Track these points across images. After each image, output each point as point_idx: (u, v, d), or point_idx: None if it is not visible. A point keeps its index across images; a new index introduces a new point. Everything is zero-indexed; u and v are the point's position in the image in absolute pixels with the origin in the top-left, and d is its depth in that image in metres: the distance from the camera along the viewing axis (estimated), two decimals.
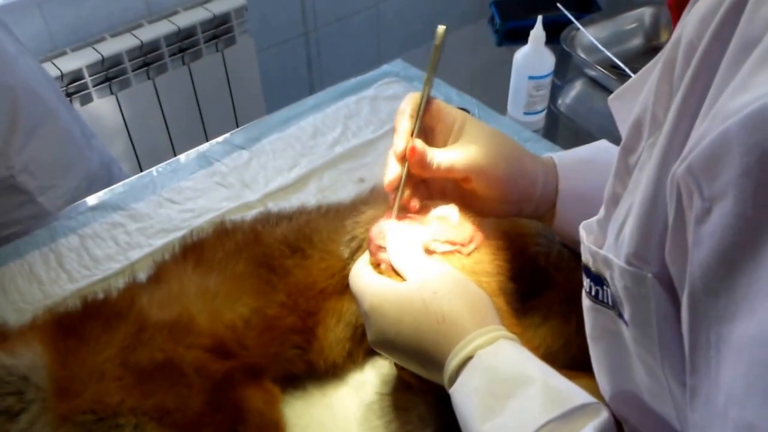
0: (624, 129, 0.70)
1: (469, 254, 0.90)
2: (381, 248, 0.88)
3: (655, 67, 0.64)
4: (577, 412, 0.68)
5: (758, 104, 0.44)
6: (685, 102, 0.56)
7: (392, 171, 0.91)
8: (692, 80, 0.55)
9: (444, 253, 0.89)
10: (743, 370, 0.48)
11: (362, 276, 0.87)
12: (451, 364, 0.76)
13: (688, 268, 0.53)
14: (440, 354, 0.78)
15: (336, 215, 1.06)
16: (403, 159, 0.91)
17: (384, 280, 0.85)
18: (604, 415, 0.69)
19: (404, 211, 0.93)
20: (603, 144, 1.01)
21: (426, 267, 0.85)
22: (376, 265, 0.88)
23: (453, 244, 0.89)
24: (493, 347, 0.75)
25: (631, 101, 0.70)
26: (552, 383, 0.72)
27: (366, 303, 0.84)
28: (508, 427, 0.69)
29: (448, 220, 0.92)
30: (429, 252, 0.89)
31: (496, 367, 0.74)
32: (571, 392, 0.71)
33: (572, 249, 1.00)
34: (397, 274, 0.86)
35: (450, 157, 0.90)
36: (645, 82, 0.66)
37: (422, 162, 0.89)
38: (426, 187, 0.97)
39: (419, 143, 0.90)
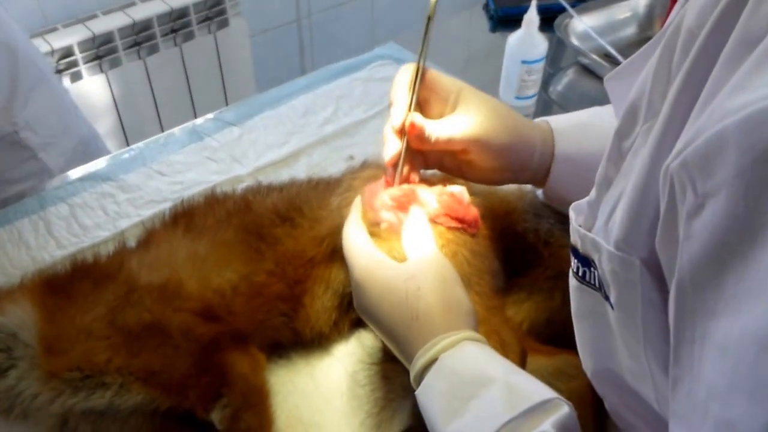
0: (619, 110, 0.70)
1: (472, 235, 0.92)
2: (387, 207, 0.89)
3: (653, 49, 0.64)
4: (537, 409, 0.69)
5: (757, 106, 0.44)
6: (682, 92, 0.56)
7: (392, 146, 0.92)
8: (690, 71, 0.55)
9: (449, 227, 0.90)
10: (727, 368, 0.48)
11: (355, 243, 0.88)
12: (417, 364, 0.77)
13: (677, 260, 0.53)
14: (409, 349, 0.80)
15: (326, 188, 1.06)
16: (401, 133, 0.91)
17: (376, 255, 0.86)
18: (564, 409, 0.70)
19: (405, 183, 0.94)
20: (596, 109, 1.00)
21: (426, 255, 0.85)
22: (375, 224, 0.89)
23: (461, 222, 0.91)
24: (456, 350, 0.76)
25: (627, 82, 0.70)
26: (513, 382, 0.73)
27: (355, 274, 0.86)
28: (470, 427, 0.70)
29: (458, 199, 0.93)
30: (434, 223, 0.90)
31: (459, 370, 0.75)
32: (532, 389, 0.72)
33: (562, 227, 1.01)
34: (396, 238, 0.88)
35: (448, 129, 0.91)
36: (642, 64, 0.66)
37: (421, 136, 0.90)
38: (423, 159, 0.97)
39: (418, 117, 0.90)
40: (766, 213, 0.45)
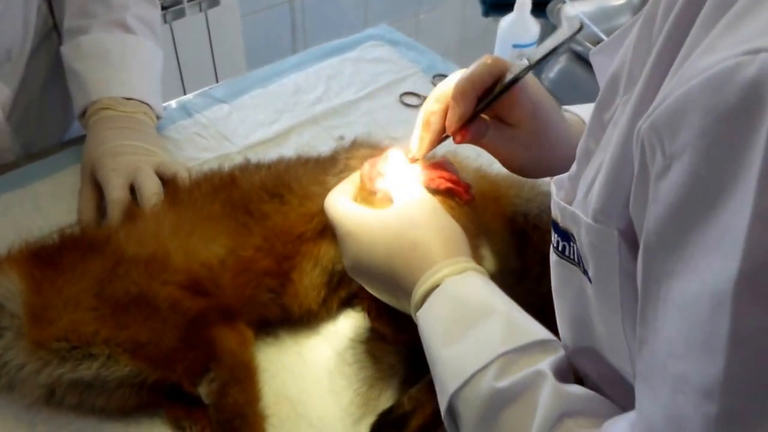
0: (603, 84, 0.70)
1: (464, 202, 0.91)
2: (381, 176, 0.89)
3: (636, 23, 0.64)
4: (536, 347, 0.70)
5: (719, 67, 0.45)
6: (658, 59, 0.57)
7: (423, 142, 0.91)
8: (667, 38, 0.56)
9: (442, 189, 0.90)
10: (683, 325, 0.50)
11: (339, 202, 0.88)
12: (419, 290, 0.78)
13: (645, 223, 0.54)
14: (410, 280, 0.79)
15: (316, 165, 1.06)
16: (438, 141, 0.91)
17: (361, 208, 0.87)
18: (561, 352, 0.71)
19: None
20: None
21: (414, 192, 0.86)
22: (372, 194, 0.89)
23: (455, 183, 0.90)
24: (461, 277, 0.77)
25: (612, 56, 0.70)
26: (515, 317, 0.74)
27: (342, 228, 0.86)
28: (466, 353, 0.71)
29: (444, 165, 0.93)
30: (429, 189, 0.89)
31: (462, 296, 0.75)
32: (532, 327, 0.73)
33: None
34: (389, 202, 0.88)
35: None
36: (626, 38, 0.67)
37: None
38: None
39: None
40: (727, 173, 0.46)
